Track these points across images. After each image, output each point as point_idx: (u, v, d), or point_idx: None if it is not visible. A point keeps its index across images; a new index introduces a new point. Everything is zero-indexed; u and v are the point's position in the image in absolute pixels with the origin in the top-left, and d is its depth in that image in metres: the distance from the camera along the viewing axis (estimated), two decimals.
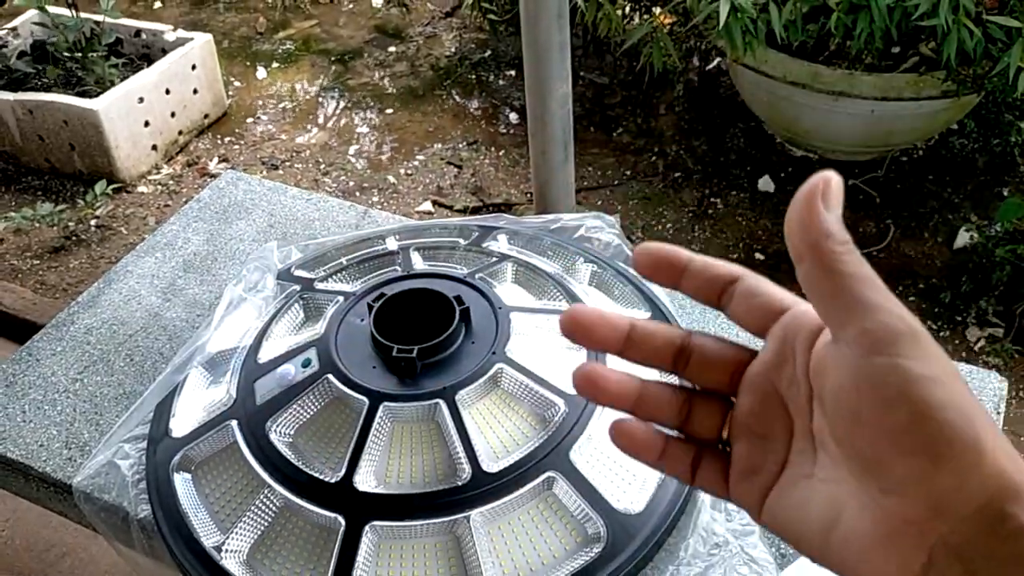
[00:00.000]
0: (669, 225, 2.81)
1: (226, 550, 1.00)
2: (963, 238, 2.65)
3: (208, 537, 1.01)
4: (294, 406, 1.03)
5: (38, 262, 2.79)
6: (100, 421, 1.18)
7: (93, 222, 2.91)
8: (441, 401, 0.99)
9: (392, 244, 1.31)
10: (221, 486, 1.05)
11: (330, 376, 1.03)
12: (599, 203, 2.90)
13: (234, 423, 1.06)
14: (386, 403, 1.00)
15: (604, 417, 1.03)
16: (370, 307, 1.08)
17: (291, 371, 1.06)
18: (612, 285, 1.25)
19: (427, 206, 2.89)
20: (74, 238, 2.86)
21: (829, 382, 0.39)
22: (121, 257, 1.45)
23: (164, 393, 1.15)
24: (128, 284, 1.37)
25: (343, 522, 0.96)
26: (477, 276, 1.15)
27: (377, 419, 0.99)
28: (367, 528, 0.95)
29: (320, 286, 1.20)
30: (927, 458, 0.34)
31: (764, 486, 0.43)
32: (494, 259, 1.22)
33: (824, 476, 0.40)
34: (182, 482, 1.06)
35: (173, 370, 1.16)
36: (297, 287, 1.22)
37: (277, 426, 1.03)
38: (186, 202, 1.54)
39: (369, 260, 1.26)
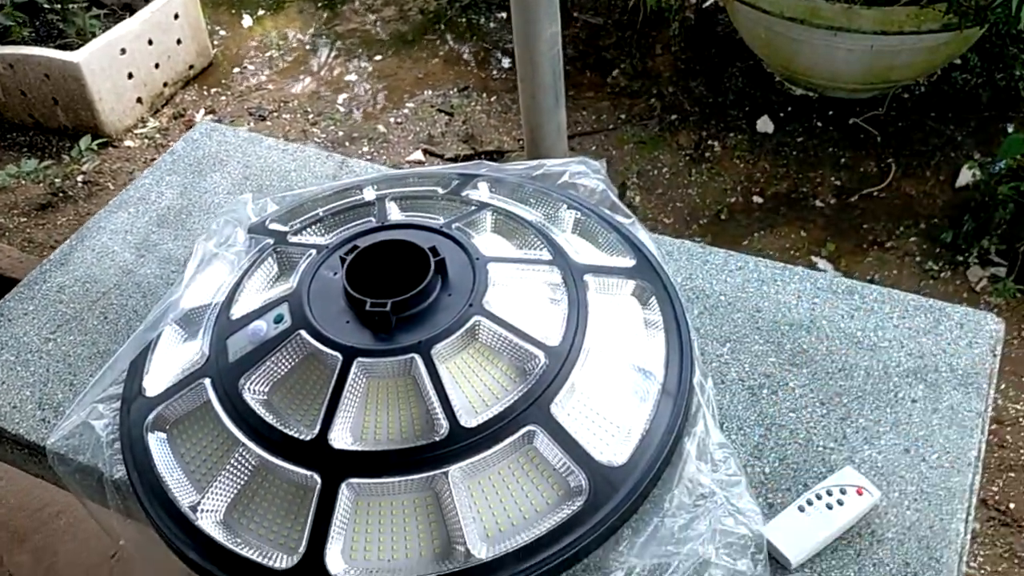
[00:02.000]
0: (665, 170, 2.76)
1: (202, 510, 0.98)
2: (965, 176, 2.59)
3: (184, 497, 0.99)
4: (267, 363, 1.00)
5: (25, 220, 2.75)
6: (74, 381, 1.15)
7: (80, 178, 2.86)
8: (416, 355, 0.96)
9: (369, 194, 1.27)
10: (196, 445, 1.03)
11: (302, 332, 1.00)
12: (593, 148, 2.84)
13: (207, 381, 1.03)
14: (360, 359, 0.97)
15: (587, 368, 1.00)
16: (343, 260, 1.04)
17: (263, 327, 1.03)
18: (596, 233, 1.21)
19: (418, 155, 2.84)
20: (61, 195, 2.81)
21: None
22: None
23: (137, 351, 1.12)
24: (101, 241, 1.33)
25: (319, 480, 0.94)
26: (454, 226, 1.11)
27: (351, 375, 0.96)
28: (343, 486, 0.93)
29: (293, 239, 1.16)
30: None
31: None
32: (473, 208, 1.18)
33: None
34: (156, 442, 1.04)
35: (146, 328, 1.13)
36: (271, 241, 1.18)
37: (250, 383, 1.00)
38: None
39: (345, 211, 1.22)
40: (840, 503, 0.94)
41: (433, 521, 0.94)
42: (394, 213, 1.19)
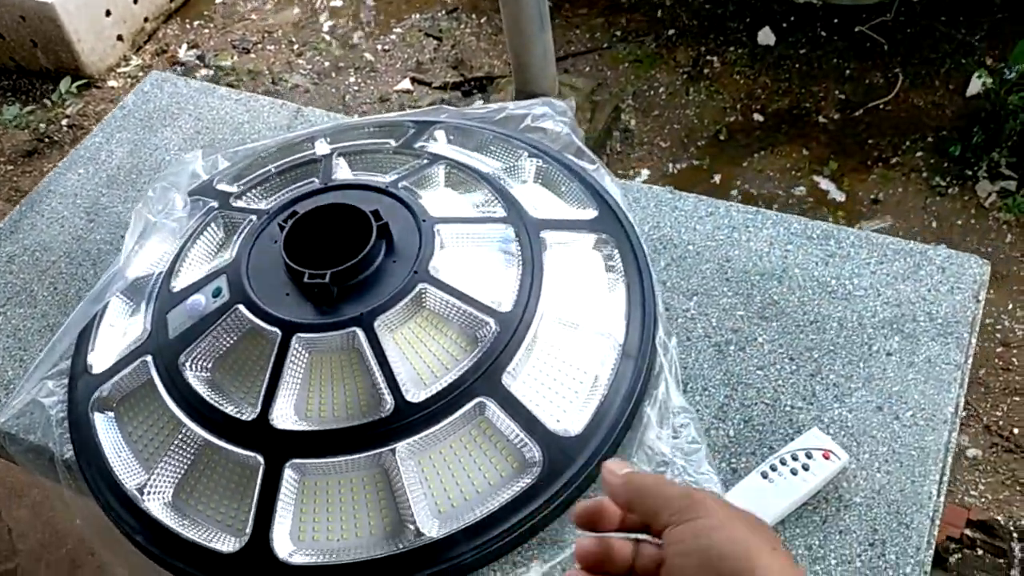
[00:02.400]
0: (662, 89, 2.66)
1: (149, 492, 0.95)
2: (976, 85, 2.47)
3: (130, 479, 0.96)
4: (206, 339, 0.96)
5: (11, 167, 2.71)
6: (24, 357, 1.12)
7: (64, 122, 2.81)
8: (358, 329, 0.92)
9: (321, 148, 1.21)
10: (142, 424, 1.00)
11: (240, 307, 0.96)
12: (587, 69, 2.74)
13: (149, 358, 1.00)
14: (299, 334, 0.92)
15: (541, 333, 0.95)
16: (281, 227, 0.99)
17: (201, 301, 0.99)
18: (558, 182, 1.14)
19: (405, 84, 2.75)
20: (46, 140, 2.77)
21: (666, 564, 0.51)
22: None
23: (83, 324, 1.09)
24: (51, 205, 1.29)
25: (262, 461, 0.91)
26: (401, 185, 1.05)
27: (291, 351, 0.92)
28: (287, 467, 0.90)
29: (236, 203, 1.11)
30: None
31: None
32: (424, 162, 1.11)
33: None
34: (103, 421, 1.01)
35: (91, 299, 1.10)
36: (215, 204, 1.13)
37: (191, 361, 0.97)
38: None
39: (293, 169, 1.16)
40: (806, 468, 0.89)
41: (383, 499, 0.91)
42: (342, 171, 1.13)
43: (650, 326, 1.00)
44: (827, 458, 0.90)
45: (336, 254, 0.96)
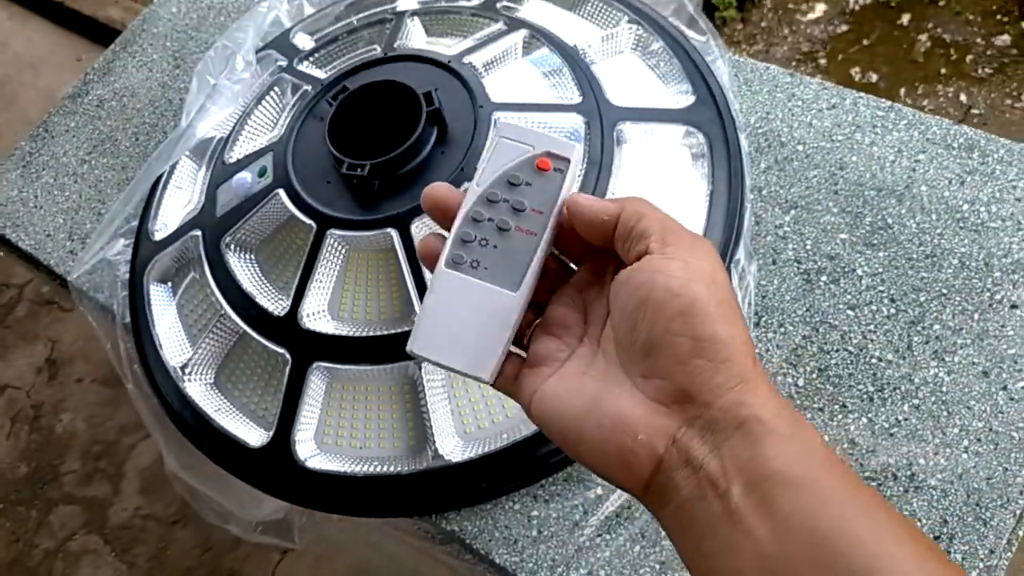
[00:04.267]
0: None
1: (191, 371, 0.95)
2: None
3: (177, 356, 0.96)
4: (249, 222, 0.92)
5: None
6: (102, 210, 1.13)
7: None
8: (392, 230, 0.84)
9: (405, 1, 1.10)
10: (191, 300, 0.98)
11: (280, 192, 0.90)
12: None
13: (199, 233, 0.97)
14: (333, 229, 0.86)
15: None
16: (329, 104, 0.91)
17: (247, 180, 0.94)
18: (658, 57, 0.99)
19: None
20: None
21: (623, 290, 0.47)
22: None
23: (150, 183, 1.07)
24: (142, 47, 1.25)
25: (289, 359, 0.88)
26: (466, 59, 0.93)
27: (325, 246, 0.87)
28: (312, 368, 0.86)
29: (300, 66, 1.03)
30: (691, 341, 0.44)
31: (545, 376, 0.50)
32: (503, 28, 0.99)
33: (595, 374, 0.48)
34: (158, 292, 1.01)
35: (157, 158, 1.07)
36: (284, 63, 1.06)
37: (234, 243, 0.93)
38: None
39: (366, 28, 1.06)
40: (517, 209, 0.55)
41: (410, 413, 0.86)
42: (414, 35, 1.02)
43: (730, 244, 0.87)
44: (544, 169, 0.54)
45: (386, 138, 0.88)
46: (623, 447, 0.45)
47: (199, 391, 0.94)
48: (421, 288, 0.84)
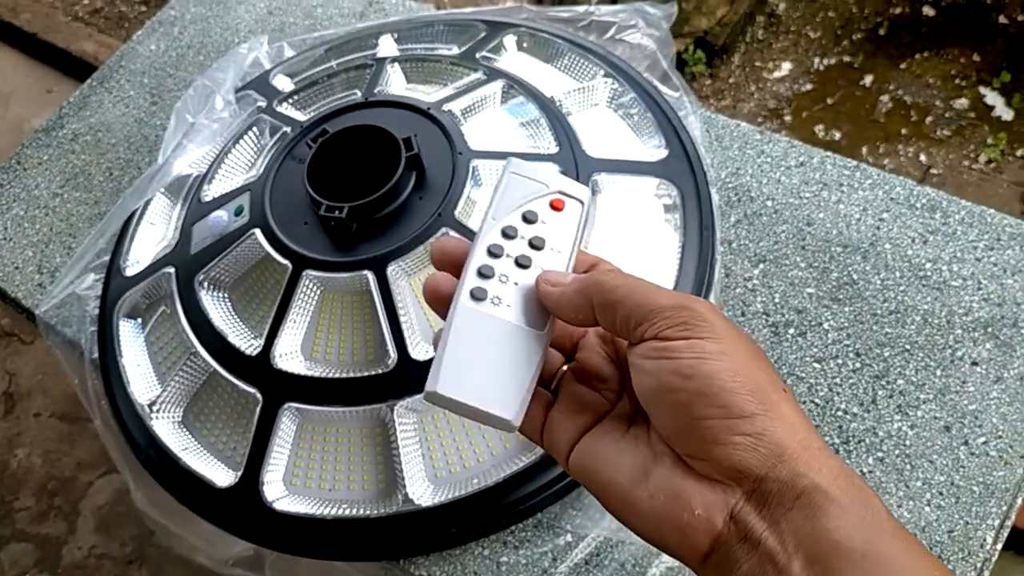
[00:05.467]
0: None
1: (159, 408, 0.94)
2: None
3: (144, 393, 0.95)
4: (223, 261, 0.92)
5: (144, 9, 2.72)
6: (72, 244, 1.12)
7: None
8: (369, 272, 0.85)
9: (385, 47, 1.12)
10: (162, 338, 0.98)
11: (257, 231, 0.90)
12: None
13: (172, 271, 0.97)
14: (309, 270, 0.87)
15: None
16: (309, 147, 0.92)
17: (223, 218, 0.94)
18: (631, 111, 1.01)
19: None
20: None
21: (636, 379, 0.46)
22: None
23: (124, 218, 1.06)
24: (119, 82, 1.26)
25: (260, 399, 0.87)
26: (445, 107, 0.95)
27: (301, 287, 0.87)
28: (283, 408, 0.86)
29: (279, 108, 1.04)
30: (721, 422, 0.42)
31: (583, 426, 0.49)
32: (481, 78, 1.01)
33: (640, 438, 0.47)
34: (128, 328, 1.00)
35: (133, 193, 1.06)
36: (263, 103, 1.07)
37: (207, 282, 0.93)
38: None
39: (346, 72, 1.07)
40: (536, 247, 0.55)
41: (380, 456, 0.86)
42: (394, 81, 1.03)
43: (700, 296, 0.89)
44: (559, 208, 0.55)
45: (365, 181, 0.89)
46: (679, 521, 0.43)
47: (166, 429, 0.93)
48: (396, 331, 0.84)
